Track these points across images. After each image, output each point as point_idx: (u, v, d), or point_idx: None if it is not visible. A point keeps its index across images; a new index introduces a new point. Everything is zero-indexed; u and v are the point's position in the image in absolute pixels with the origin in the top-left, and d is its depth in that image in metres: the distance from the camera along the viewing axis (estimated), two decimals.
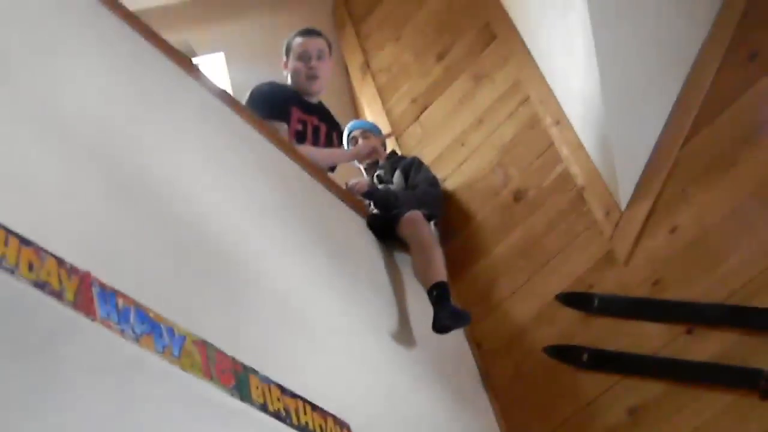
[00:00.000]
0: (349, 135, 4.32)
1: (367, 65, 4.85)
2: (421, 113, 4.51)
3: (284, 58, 4.12)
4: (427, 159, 4.33)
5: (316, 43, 4.07)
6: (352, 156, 4.16)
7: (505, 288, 3.79)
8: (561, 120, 3.81)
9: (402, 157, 4.30)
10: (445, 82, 4.42)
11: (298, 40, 4.07)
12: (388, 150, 4.38)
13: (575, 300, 3.53)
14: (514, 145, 4.01)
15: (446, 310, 3.31)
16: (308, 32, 4.10)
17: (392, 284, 3.61)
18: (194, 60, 4.20)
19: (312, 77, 4.03)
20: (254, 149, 3.29)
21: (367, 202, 3.99)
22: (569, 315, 3.52)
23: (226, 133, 3.14)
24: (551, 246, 3.70)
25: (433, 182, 4.11)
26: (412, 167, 4.12)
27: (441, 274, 3.48)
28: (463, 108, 4.32)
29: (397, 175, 4.11)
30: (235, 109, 3.26)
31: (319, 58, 4.04)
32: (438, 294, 3.37)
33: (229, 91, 4.82)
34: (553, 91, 3.86)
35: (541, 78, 3.95)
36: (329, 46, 4.13)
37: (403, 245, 3.78)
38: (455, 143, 4.28)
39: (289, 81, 4.10)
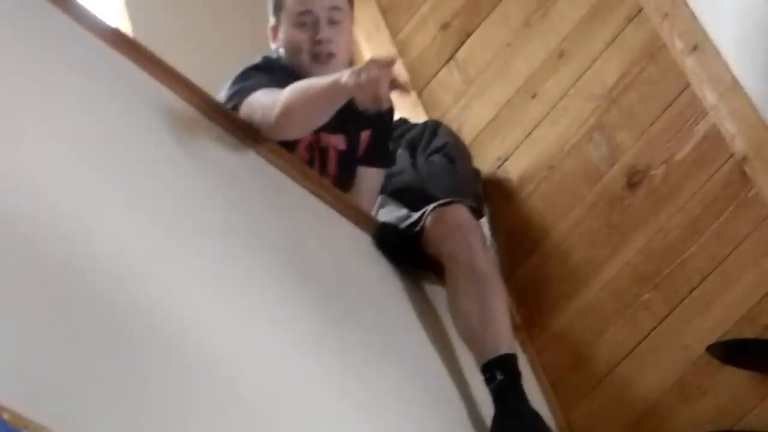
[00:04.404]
0: None
1: None
2: (459, 47, 4.52)
3: (270, 21, 4.06)
4: (473, 126, 4.39)
5: None
6: (344, 89, 3.68)
7: (618, 341, 3.78)
8: (700, 44, 3.80)
9: (415, 125, 4.40)
10: None
11: None
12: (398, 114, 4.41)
13: (742, 352, 3.53)
14: (623, 92, 4.00)
15: (514, 416, 3.25)
16: None
17: (421, 343, 3.58)
18: None
19: (320, 54, 3.96)
20: (172, 120, 3.37)
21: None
22: (734, 378, 3.52)
23: (127, 99, 3.25)
24: (696, 261, 3.68)
25: (461, 154, 4.23)
26: (423, 136, 4.26)
27: (505, 335, 3.42)
28: (529, 34, 4.33)
29: (401, 153, 4.19)
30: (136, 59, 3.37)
31: (332, 22, 3.95)
32: (501, 382, 3.29)
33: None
34: None
35: None
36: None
37: (435, 271, 3.77)
38: (520, 95, 4.29)
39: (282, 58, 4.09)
